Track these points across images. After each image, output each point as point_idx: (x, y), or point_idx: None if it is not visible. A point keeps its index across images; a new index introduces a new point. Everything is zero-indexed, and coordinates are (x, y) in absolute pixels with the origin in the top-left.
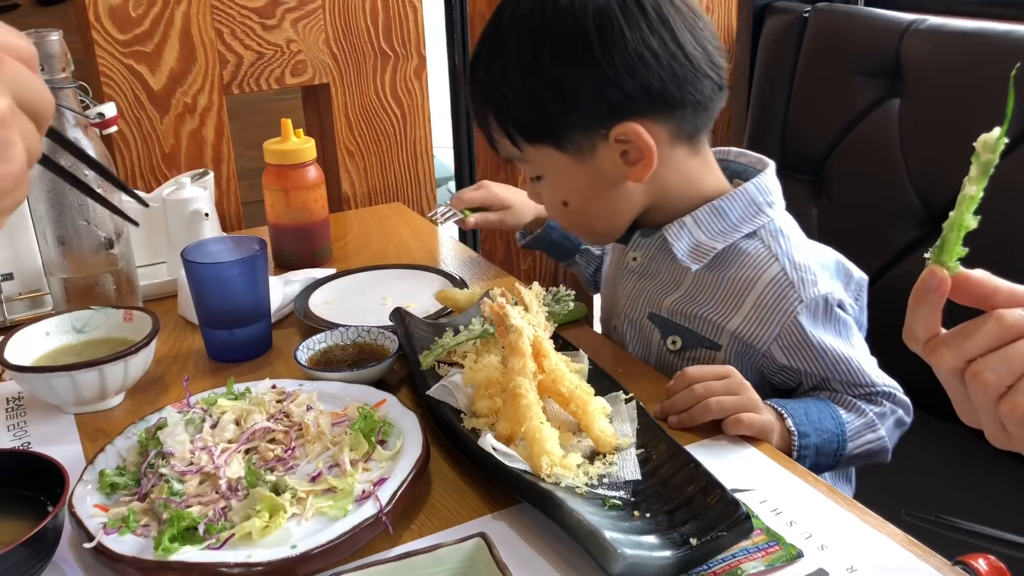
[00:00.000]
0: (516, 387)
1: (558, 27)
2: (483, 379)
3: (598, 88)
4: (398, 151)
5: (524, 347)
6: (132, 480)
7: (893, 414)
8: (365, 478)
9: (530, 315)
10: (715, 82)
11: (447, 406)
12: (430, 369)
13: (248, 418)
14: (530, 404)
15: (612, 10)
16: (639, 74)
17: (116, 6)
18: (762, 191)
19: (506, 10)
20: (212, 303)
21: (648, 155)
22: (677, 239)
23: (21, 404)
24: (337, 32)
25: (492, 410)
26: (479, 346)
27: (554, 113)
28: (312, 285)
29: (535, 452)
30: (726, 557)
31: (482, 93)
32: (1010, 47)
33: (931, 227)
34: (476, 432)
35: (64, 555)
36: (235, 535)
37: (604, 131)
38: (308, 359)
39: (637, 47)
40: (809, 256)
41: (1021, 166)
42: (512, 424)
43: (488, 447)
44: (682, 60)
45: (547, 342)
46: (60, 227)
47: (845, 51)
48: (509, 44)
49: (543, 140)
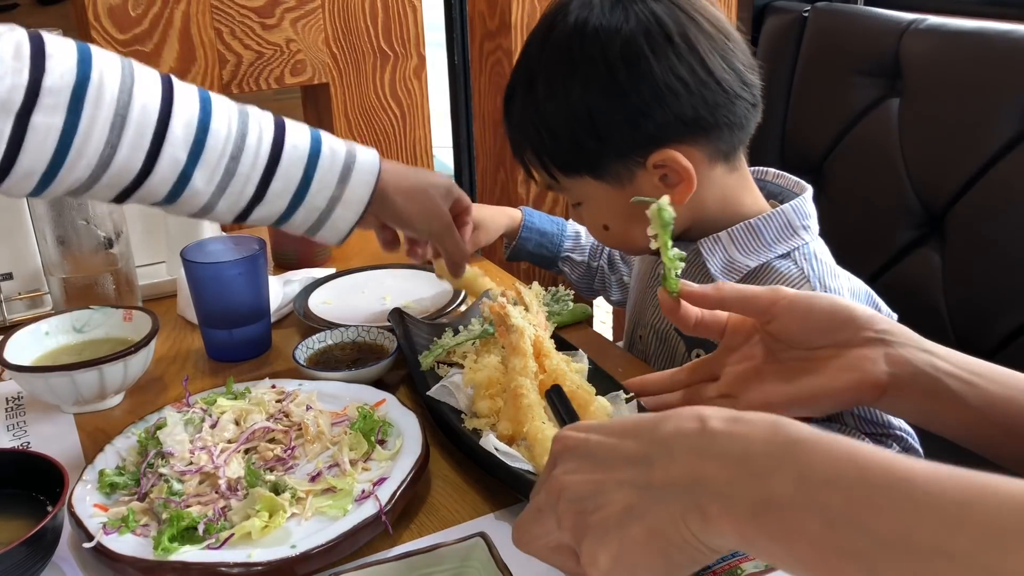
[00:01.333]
0: (517, 387)
1: (586, 61)
2: (483, 379)
3: (630, 120)
4: (398, 151)
5: (525, 347)
6: (132, 480)
7: None
8: (365, 478)
9: (530, 315)
10: (748, 101)
11: (447, 406)
12: (430, 370)
13: (248, 418)
14: (532, 404)
15: (638, 42)
16: (670, 104)
17: (115, 6)
18: (799, 214)
19: (534, 44)
20: (212, 303)
21: (687, 178)
22: (711, 254)
23: (21, 404)
24: (336, 32)
25: (493, 410)
26: (479, 346)
27: (588, 146)
28: (312, 285)
29: (537, 452)
30: (726, 557)
31: (518, 129)
32: (1010, 47)
33: (930, 227)
34: (477, 432)
35: (64, 555)
36: (235, 535)
37: (641, 159)
38: (307, 359)
39: (666, 78)
40: (842, 283)
41: (1021, 166)
42: (514, 424)
43: (490, 447)
44: (713, 86)
45: (548, 342)
46: (59, 227)
47: (845, 51)
48: (540, 80)
49: (579, 172)
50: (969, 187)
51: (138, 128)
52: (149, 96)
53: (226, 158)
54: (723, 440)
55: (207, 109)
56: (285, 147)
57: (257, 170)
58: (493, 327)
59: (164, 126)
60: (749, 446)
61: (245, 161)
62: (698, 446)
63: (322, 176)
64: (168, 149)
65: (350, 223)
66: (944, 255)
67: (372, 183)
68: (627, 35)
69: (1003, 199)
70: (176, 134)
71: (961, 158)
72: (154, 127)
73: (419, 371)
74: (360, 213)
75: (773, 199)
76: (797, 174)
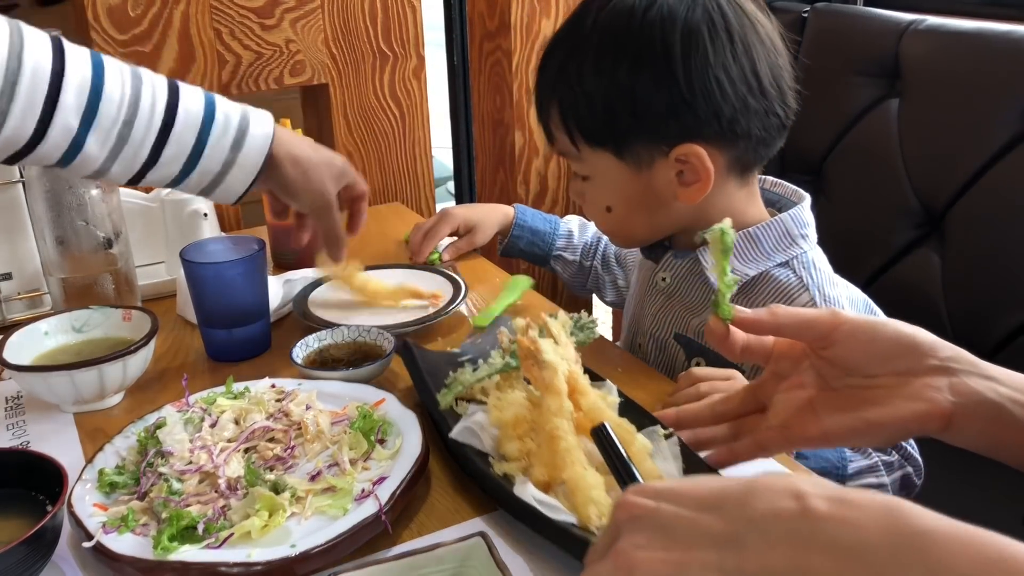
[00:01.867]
0: (553, 429)
1: (644, 39)
2: (511, 418)
3: (671, 106)
4: (397, 151)
5: (560, 385)
6: (131, 479)
7: (901, 468)
8: (364, 477)
9: (560, 347)
10: (781, 120)
11: (472, 449)
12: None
13: (247, 417)
14: (570, 448)
15: (700, 31)
16: (714, 99)
17: (115, 6)
18: (797, 223)
19: (591, 10)
20: (211, 303)
21: (704, 179)
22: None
23: (20, 403)
24: (336, 32)
25: (523, 453)
26: (500, 380)
27: (622, 122)
28: (311, 285)
29: (580, 501)
30: None
31: (551, 86)
32: (1009, 47)
33: (930, 227)
34: (508, 478)
35: (63, 554)
36: (234, 534)
37: (667, 148)
38: (305, 358)
39: (717, 72)
40: (840, 292)
41: (1021, 166)
42: (550, 470)
43: (528, 498)
44: (757, 93)
45: (583, 378)
46: (59, 227)
47: (844, 51)
48: (590, 45)
49: (604, 145)
50: (969, 187)
51: (28, 95)
52: (40, 59)
53: (119, 124)
54: (830, 527)
55: (100, 72)
56: (179, 112)
57: (151, 135)
58: (516, 360)
59: (56, 91)
60: (863, 536)
61: (139, 127)
62: (800, 532)
63: (215, 142)
64: (60, 115)
65: (244, 185)
66: (943, 255)
67: (265, 149)
68: (692, 23)
69: (1003, 199)
70: (68, 101)
71: (961, 158)
72: (45, 92)
73: (438, 411)
74: (253, 176)
75: (771, 207)
76: (796, 174)
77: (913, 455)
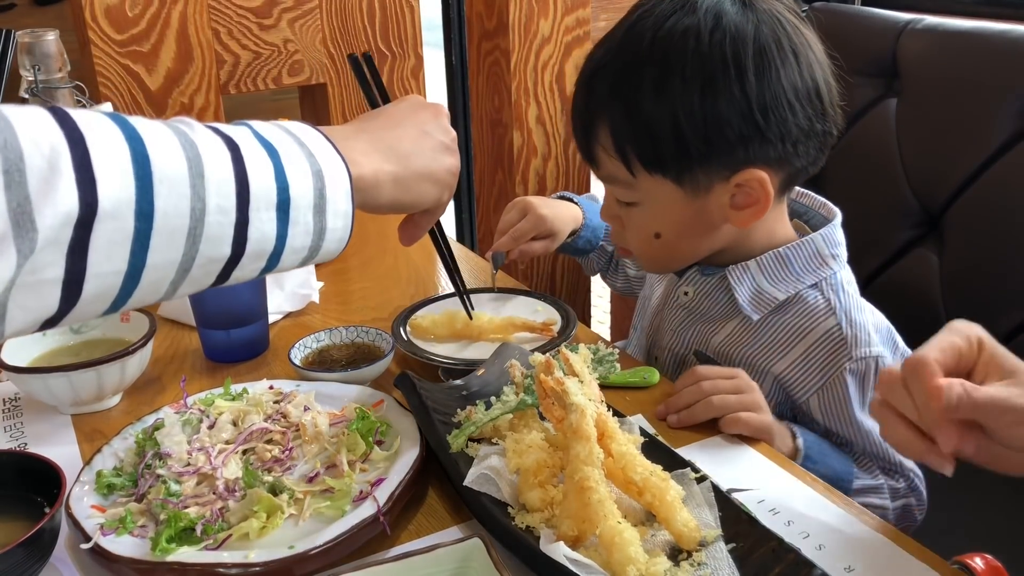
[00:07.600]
0: (583, 479)
1: (716, 59)
2: (532, 464)
3: (743, 130)
4: None
5: (589, 430)
6: (129, 481)
7: (905, 497)
8: (363, 478)
9: (584, 386)
10: (822, 145)
11: (488, 498)
12: (459, 450)
13: (245, 419)
14: (602, 500)
15: (770, 49)
16: (786, 122)
17: (112, 6)
18: (829, 243)
19: (644, 30)
20: (209, 304)
21: (763, 203)
22: (740, 283)
23: (18, 405)
24: (334, 32)
25: (545, 502)
26: (513, 419)
27: (690, 148)
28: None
29: (616, 559)
30: None
31: (602, 107)
32: (1007, 47)
33: (928, 226)
34: (531, 532)
35: (61, 556)
36: (232, 536)
37: (728, 173)
38: (303, 359)
39: (788, 94)
40: (867, 318)
41: (1019, 165)
42: (579, 523)
43: (560, 557)
44: (819, 114)
45: (611, 420)
46: None
47: (842, 51)
48: (649, 66)
49: (664, 172)
50: (967, 186)
51: None
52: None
53: None
54: None
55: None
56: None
57: None
58: (531, 396)
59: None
60: None
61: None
62: None
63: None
64: None
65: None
66: (942, 254)
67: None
68: (762, 41)
69: (1001, 198)
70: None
71: (959, 157)
72: None
73: (447, 454)
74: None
75: (797, 218)
76: None
77: (919, 488)
